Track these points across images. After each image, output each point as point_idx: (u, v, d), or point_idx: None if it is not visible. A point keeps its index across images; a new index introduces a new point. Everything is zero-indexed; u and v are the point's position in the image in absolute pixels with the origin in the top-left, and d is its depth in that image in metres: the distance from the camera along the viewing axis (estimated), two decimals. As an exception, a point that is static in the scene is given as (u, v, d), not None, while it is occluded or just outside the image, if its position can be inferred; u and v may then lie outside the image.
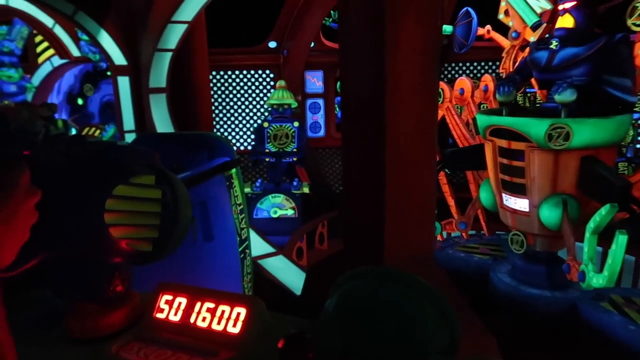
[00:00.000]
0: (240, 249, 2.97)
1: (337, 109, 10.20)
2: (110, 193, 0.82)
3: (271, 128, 7.50)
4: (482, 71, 10.18)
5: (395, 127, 2.62)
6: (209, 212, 2.52)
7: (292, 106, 7.65)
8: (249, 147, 9.94)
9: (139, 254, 0.89)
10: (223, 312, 0.95)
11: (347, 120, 2.96)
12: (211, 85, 9.35)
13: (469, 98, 6.84)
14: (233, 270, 2.95)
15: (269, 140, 7.48)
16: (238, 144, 9.97)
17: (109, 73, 11.22)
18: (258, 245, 5.38)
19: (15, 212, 0.62)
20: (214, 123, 9.63)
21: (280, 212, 6.92)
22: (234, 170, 2.82)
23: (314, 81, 10.12)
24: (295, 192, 7.01)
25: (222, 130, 9.86)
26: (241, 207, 2.93)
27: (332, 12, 9.62)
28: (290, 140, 7.47)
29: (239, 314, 0.94)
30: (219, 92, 9.75)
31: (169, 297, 1.01)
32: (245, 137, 9.95)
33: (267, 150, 7.45)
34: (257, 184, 7.12)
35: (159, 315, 1.01)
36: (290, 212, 6.94)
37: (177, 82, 8.27)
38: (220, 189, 2.75)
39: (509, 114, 4.61)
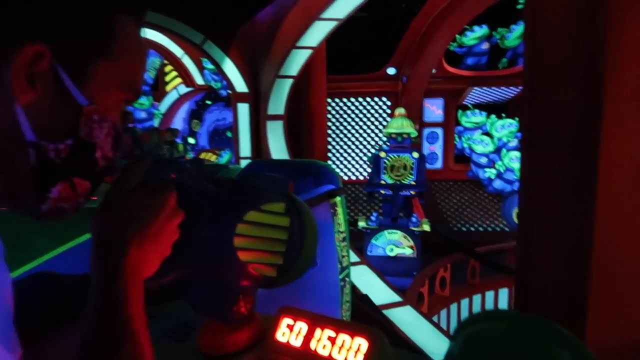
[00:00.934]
0: (340, 277, 2.88)
1: (457, 139, 9.48)
2: (241, 218, 0.86)
3: (388, 158, 7.02)
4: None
5: (611, 170, 1.98)
6: None
7: (412, 135, 7.13)
8: (363, 177, 9.55)
9: (264, 279, 0.91)
10: (344, 341, 0.94)
11: (532, 156, 2.37)
12: (327, 112, 9.15)
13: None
14: (333, 297, 3.07)
15: (385, 171, 6.99)
16: (350, 174, 9.61)
17: (208, 102, 11.72)
18: (380, 291, 4.85)
19: (161, 230, 0.74)
20: (329, 150, 9.40)
21: (397, 251, 6.35)
22: (338, 198, 2.81)
23: (433, 109, 9.52)
24: (414, 229, 6.41)
25: (336, 158, 9.59)
26: (343, 234, 2.98)
27: (457, 36, 9.03)
28: (409, 172, 6.93)
29: (360, 345, 0.93)
30: (334, 120, 9.54)
31: (290, 322, 1.01)
32: (358, 166, 9.58)
33: (382, 182, 6.96)
34: (373, 218, 6.63)
35: (280, 339, 1.01)
36: (408, 252, 6.34)
37: (295, 109, 8.19)
38: (324, 216, 2.89)
39: None
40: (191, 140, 11.40)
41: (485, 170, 9.06)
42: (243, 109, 8.47)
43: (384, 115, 9.50)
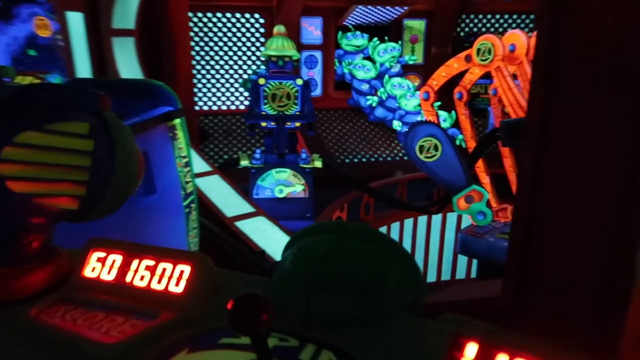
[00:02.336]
0: (185, 203, 2.89)
1: (337, 63, 8.73)
2: (9, 140, 0.71)
3: (268, 86, 5.99)
4: (506, 26, 8.87)
5: None
6: (150, 164, 2.45)
7: (294, 58, 6.16)
8: (235, 107, 8.38)
9: (65, 213, 0.79)
10: (164, 270, 0.85)
11: (557, 93, 1.67)
12: (190, 29, 7.61)
13: (522, 56, 5.58)
14: (177, 225, 2.84)
15: (265, 101, 6.00)
16: (221, 103, 8.36)
17: None
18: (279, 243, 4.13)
19: None
20: (194, 76, 7.98)
21: (287, 191, 5.56)
22: (177, 120, 2.72)
23: (311, 30, 8.55)
24: (304, 166, 5.65)
25: (202, 85, 8.21)
26: (186, 159, 2.88)
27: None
28: (293, 101, 6.03)
29: (182, 272, 0.84)
30: (197, 39, 8.04)
31: (102, 254, 0.90)
32: (229, 94, 8.34)
33: (264, 113, 5.97)
34: (257, 155, 5.68)
35: (89, 275, 0.89)
36: (299, 190, 5.59)
37: (149, 23, 6.59)
38: (162, 140, 2.68)
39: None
40: None
41: (367, 97, 8.54)
42: (75, 20, 6.57)
43: (257, 34, 8.28)
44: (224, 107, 8.36)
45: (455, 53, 8.97)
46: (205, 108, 8.13)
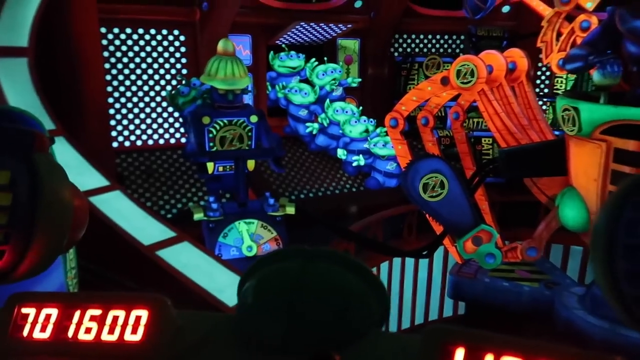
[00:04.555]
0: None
1: (269, 87, 7.79)
2: None
3: (215, 126, 4.82)
4: (438, 47, 8.68)
5: None
6: None
7: (243, 88, 5.03)
8: (164, 141, 6.94)
9: None
10: (115, 317, 0.77)
11: None
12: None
13: (500, 78, 5.19)
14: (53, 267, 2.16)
15: (212, 144, 4.83)
16: (145, 136, 6.88)
17: None
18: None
19: None
20: (112, 105, 6.46)
21: (256, 248, 4.45)
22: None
23: (239, 49, 7.49)
24: (273, 214, 4.59)
25: (123, 114, 6.68)
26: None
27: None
28: (246, 144, 4.95)
29: (138, 317, 0.76)
30: (114, 60, 6.54)
31: (30, 310, 0.79)
32: (145, 125, 6.90)
33: (214, 149, 4.80)
34: (213, 206, 4.47)
35: (19, 335, 0.79)
36: (272, 246, 4.50)
37: (46, 40, 5.11)
38: None
39: (609, 102, 3.71)
40: None
41: (306, 125, 7.70)
42: None
43: (177, 54, 7.01)
44: (142, 142, 6.91)
45: (391, 74, 8.62)
46: (127, 144, 6.62)
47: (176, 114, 6.99)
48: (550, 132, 5.02)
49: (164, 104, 6.94)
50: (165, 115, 6.97)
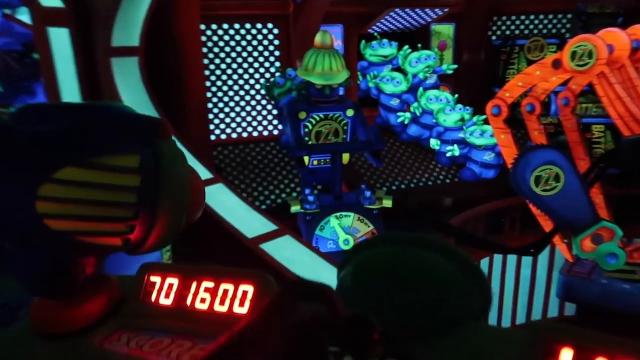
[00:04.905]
0: None
1: (360, 77, 7.67)
2: (48, 176, 0.67)
3: (311, 120, 4.80)
4: (541, 27, 8.05)
5: None
6: None
7: (343, 83, 4.93)
8: (258, 133, 7.14)
9: (108, 249, 0.77)
10: (226, 291, 0.84)
11: None
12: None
13: (623, 59, 4.67)
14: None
15: (307, 139, 4.81)
16: (240, 129, 7.10)
17: None
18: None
19: None
20: (210, 99, 6.74)
21: (352, 242, 4.42)
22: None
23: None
24: (370, 207, 4.53)
25: (220, 108, 6.95)
26: None
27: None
28: (341, 139, 4.88)
29: (245, 292, 0.83)
30: (212, 56, 6.79)
31: (157, 279, 0.89)
32: (240, 119, 7.11)
33: (310, 143, 4.79)
34: (310, 198, 4.50)
35: (147, 300, 0.88)
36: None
37: (153, 39, 5.38)
38: None
39: None
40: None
41: (397, 114, 7.49)
42: (59, 37, 5.33)
43: (271, 47, 7.13)
44: (237, 135, 7.12)
45: (489, 59, 8.14)
46: (223, 137, 6.87)
47: (269, 107, 7.14)
48: (682, 119, 4.43)
49: (258, 97, 7.10)
50: (258, 108, 7.12)
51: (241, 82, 7.02)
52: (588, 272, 4.81)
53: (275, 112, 7.06)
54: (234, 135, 6.95)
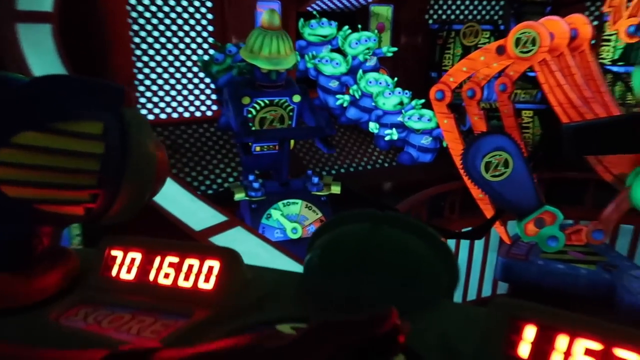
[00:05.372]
0: None
1: (298, 57, 7.34)
2: (6, 141, 0.65)
3: (255, 106, 4.46)
4: (476, 13, 8.16)
5: None
6: None
7: (289, 68, 4.64)
8: (189, 114, 6.61)
9: (68, 219, 0.74)
10: (191, 266, 0.82)
11: None
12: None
13: (563, 47, 4.77)
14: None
15: (250, 124, 4.49)
16: (170, 109, 6.55)
17: None
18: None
19: None
20: (135, 76, 6.12)
21: (301, 230, 4.18)
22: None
23: (267, 16, 7.06)
24: (318, 193, 4.30)
25: (146, 86, 6.34)
26: None
27: None
28: (286, 125, 4.62)
29: (211, 267, 0.81)
30: (137, 28, 6.15)
31: (118, 253, 0.87)
32: (169, 98, 6.56)
33: (253, 128, 4.46)
34: (255, 185, 4.18)
35: (108, 274, 0.85)
36: (316, 225, 4.21)
37: (69, 4, 4.75)
38: None
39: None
40: None
41: (336, 96, 7.30)
42: None
43: (204, 22, 6.61)
44: (167, 115, 6.58)
45: (426, 43, 8.15)
46: (151, 117, 6.29)
47: (202, 86, 6.66)
48: (616, 106, 4.63)
49: (190, 74, 6.59)
50: (190, 86, 6.62)
51: (171, 57, 6.46)
52: (525, 253, 4.94)
53: (208, 92, 6.61)
54: (163, 116, 6.41)
